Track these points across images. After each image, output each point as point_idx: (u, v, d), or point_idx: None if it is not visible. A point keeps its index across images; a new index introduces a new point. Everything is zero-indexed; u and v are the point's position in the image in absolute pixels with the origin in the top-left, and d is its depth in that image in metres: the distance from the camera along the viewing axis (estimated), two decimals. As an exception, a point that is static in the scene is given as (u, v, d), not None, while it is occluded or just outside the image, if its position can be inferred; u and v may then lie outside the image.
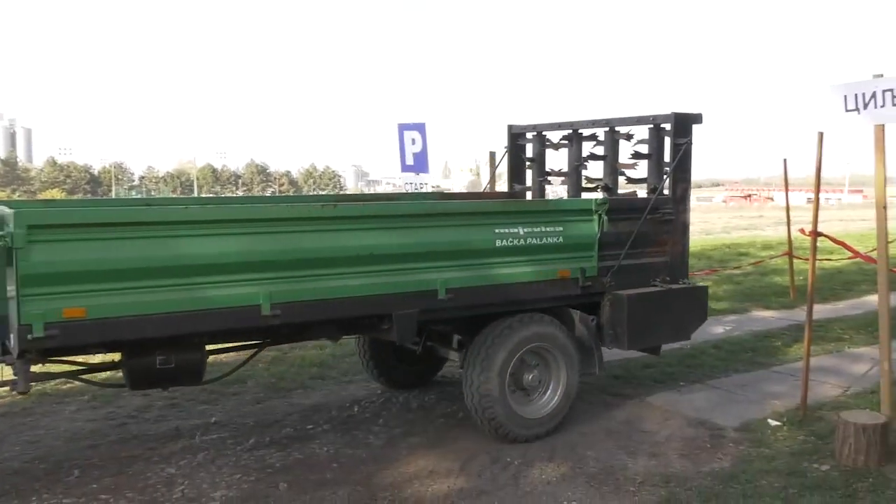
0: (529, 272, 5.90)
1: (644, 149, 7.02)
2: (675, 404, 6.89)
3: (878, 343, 5.91)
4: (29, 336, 4.24)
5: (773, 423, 6.34)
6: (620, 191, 7.51)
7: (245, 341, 5.99)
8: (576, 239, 6.13)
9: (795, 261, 12.76)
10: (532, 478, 5.33)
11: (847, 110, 5.77)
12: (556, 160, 8.34)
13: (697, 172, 7.76)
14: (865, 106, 5.65)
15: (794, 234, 12.05)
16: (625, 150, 7.33)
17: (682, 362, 8.31)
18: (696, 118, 6.75)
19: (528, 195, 8.26)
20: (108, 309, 4.44)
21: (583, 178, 7.74)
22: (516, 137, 8.26)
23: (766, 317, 11.01)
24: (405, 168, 10.80)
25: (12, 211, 4.25)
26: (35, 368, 5.03)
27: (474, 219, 5.75)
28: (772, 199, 74.79)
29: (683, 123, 6.65)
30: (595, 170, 7.68)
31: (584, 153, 7.64)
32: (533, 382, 6.12)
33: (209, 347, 5.35)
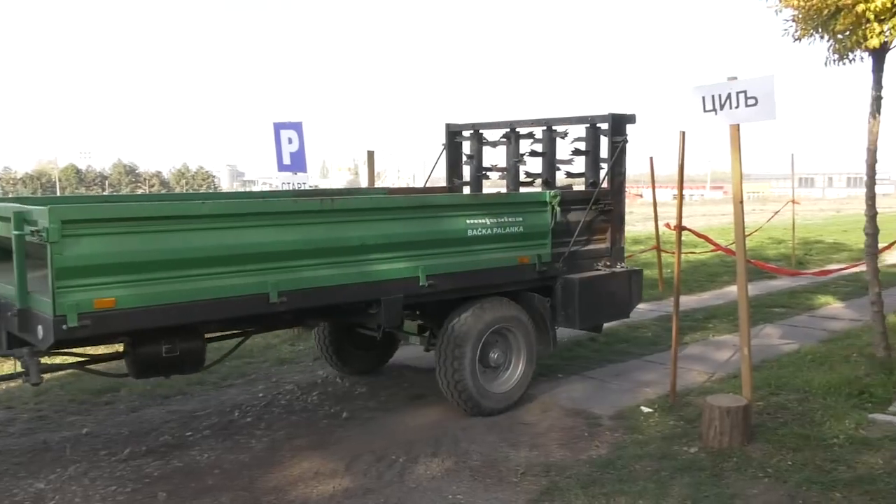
0: (495, 259, 6.51)
1: (582, 146, 7.65)
2: (554, 396, 7.09)
3: (738, 331, 6.27)
4: (64, 326, 4.44)
5: (645, 409, 6.63)
6: (557, 185, 8.04)
7: (246, 328, 6.44)
8: (533, 228, 6.75)
9: (663, 254, 13.32)
10: (417, 474, 5.38)
11: (705, 111, 6.09)
12: (493, 157, 8.81)
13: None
14: (722, 107, 5.98)
15: (662, 228, 12.65)
16: (561, 147, 7.93)
17: (559, 355, 8.54)
18: (631, 118, 7.36)
19: (466, 190, 8.67)
20: (135, 299, 4.70)
21: (521, 173, 8.32)
22: (453, 135, 8.76)
23: (637, 308, 11.45)
24: (282, 167, 10.64)
25: (47, 207, 4.43)
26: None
27: (450, 210, 6.34)
28: (641, 195, 77.67)
29: (619, 123, 7.30)
30: (533, 165, 8.31)
31: (521, 150, 8.22)
32: (498, 360, 6.69)
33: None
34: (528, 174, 8.28)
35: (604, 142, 7.42)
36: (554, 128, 7.86)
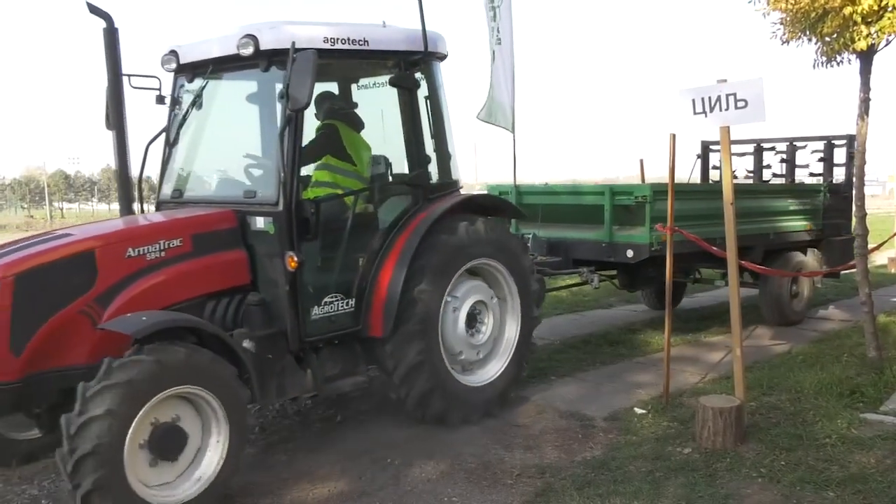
0: (798, 225, 10.38)
1: (820, 155, 11.40)
2: (548, 398, 7.11)
3: (730, 331, 6.30)
4: (652, 249, 8.15)
5: (639, 411, 6.65)
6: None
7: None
8: (814, 206, 10.59)
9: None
10: (412, 477, 5.39)
11: (695, 113, 6.11)
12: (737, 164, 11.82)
13: (563, 173, 10.21)
14: (711, 109, 6.01)
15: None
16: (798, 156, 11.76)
17: (551, 357, 8.57)
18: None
19: None
20: (676, 236, 7.29)
21: (763, 174, 11.88)
22: (705, 148, 12.35)
23: (629, 310, 11.51)
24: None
25: (649, 184, 8.66)
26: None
27: (784, 194, 10.45)
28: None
29: (851, 140, 10.34)
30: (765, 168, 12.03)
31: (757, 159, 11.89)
32: (797, 291, 10.24)
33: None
34: (774, 174, 11.70)
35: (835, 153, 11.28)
36: (795, 143, 11.48)
